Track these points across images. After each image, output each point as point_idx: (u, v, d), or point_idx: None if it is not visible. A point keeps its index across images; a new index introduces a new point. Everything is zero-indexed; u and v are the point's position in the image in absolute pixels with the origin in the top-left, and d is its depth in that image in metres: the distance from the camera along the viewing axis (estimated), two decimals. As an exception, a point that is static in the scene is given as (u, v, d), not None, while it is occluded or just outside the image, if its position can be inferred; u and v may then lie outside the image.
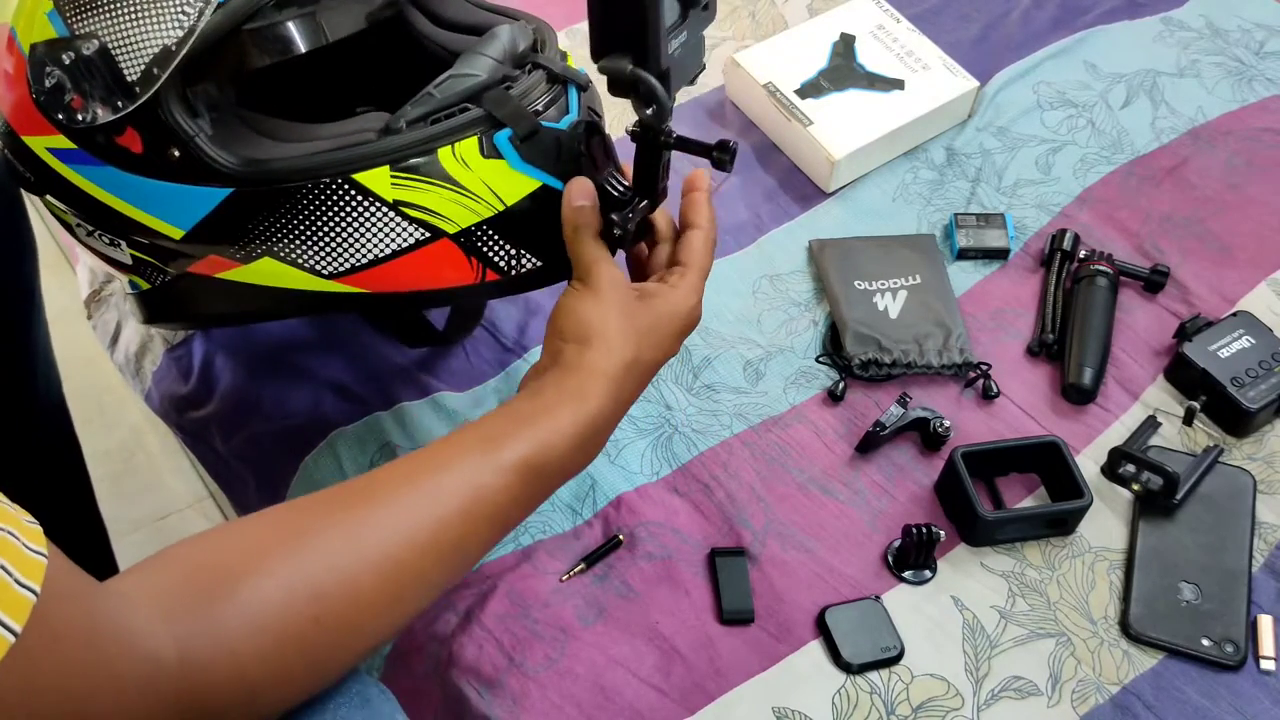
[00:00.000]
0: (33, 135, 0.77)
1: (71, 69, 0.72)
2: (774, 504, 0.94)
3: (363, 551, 0.59)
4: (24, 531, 0.47)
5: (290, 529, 0.60)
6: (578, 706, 0.83)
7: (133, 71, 0.71)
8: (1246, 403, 0.97)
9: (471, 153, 0.74)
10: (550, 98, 0.77)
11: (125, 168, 0.75)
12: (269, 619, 0.55)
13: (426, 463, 0.65)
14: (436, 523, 0.62)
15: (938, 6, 1.33)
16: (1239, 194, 1.17)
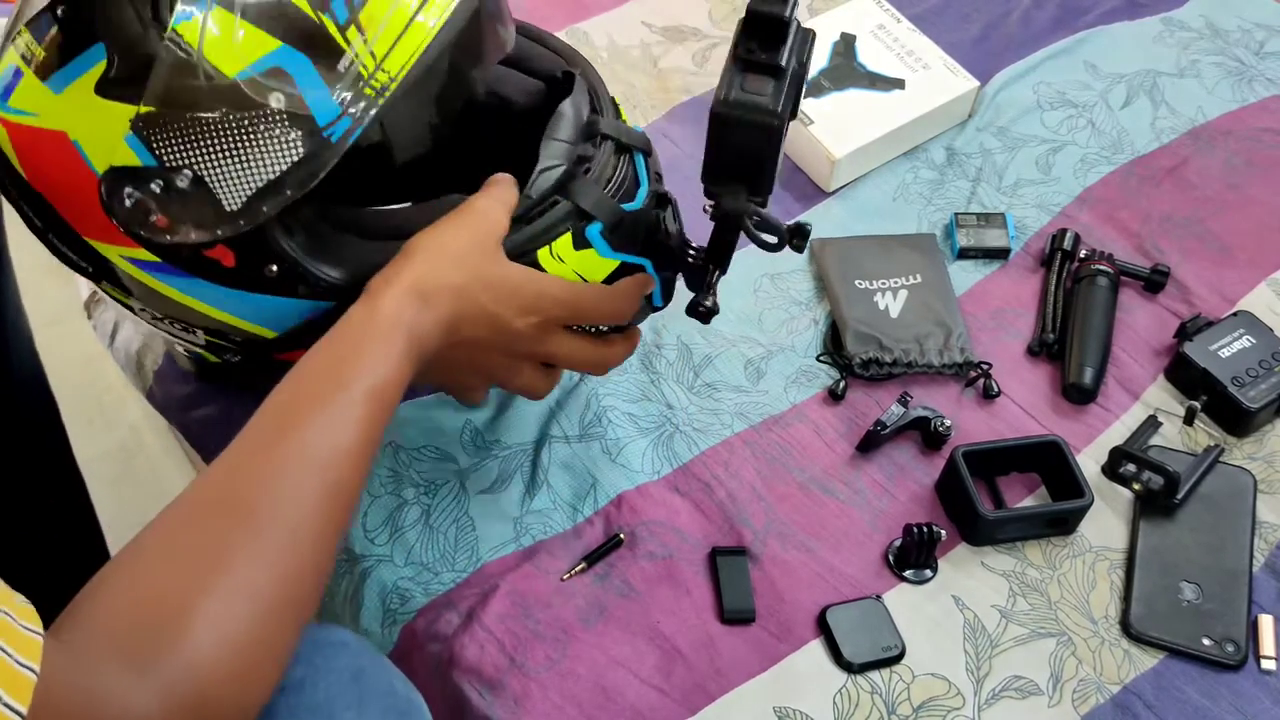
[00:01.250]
0: (103, 242, 0.72)
1: (160, 196, 0.67)
2: (775, 503, 0.94)
3: (284, 537, 0.59)
4: (18, 611, 0.47)
5: (204, 537, 0.59)
6: (579, 707, 0.83)
7: (234, 203, 0.67)
8: (1247, 402, 0.97)
9: (566, 248, 0.75)
10: (623, 174, 0.78)
11: (215, 280, 0.72)
12: (227, 635, 0.55)
13: (291, 420, 0.64)
14: (333, 483, 0.62)
15: (938, 6, 1.33)
16: (1239, 194, 1.17)
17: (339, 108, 0.66)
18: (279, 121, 0.65)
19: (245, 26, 0.64)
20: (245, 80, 0.65)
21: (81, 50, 0.65)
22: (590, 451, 0.96)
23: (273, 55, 0.65)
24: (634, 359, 1.01)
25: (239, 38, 0.64)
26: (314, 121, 0.66)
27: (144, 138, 0.65)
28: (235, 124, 0.65)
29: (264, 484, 0.61)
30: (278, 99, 0.65)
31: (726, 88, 0.66)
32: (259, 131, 0.65)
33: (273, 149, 0.66)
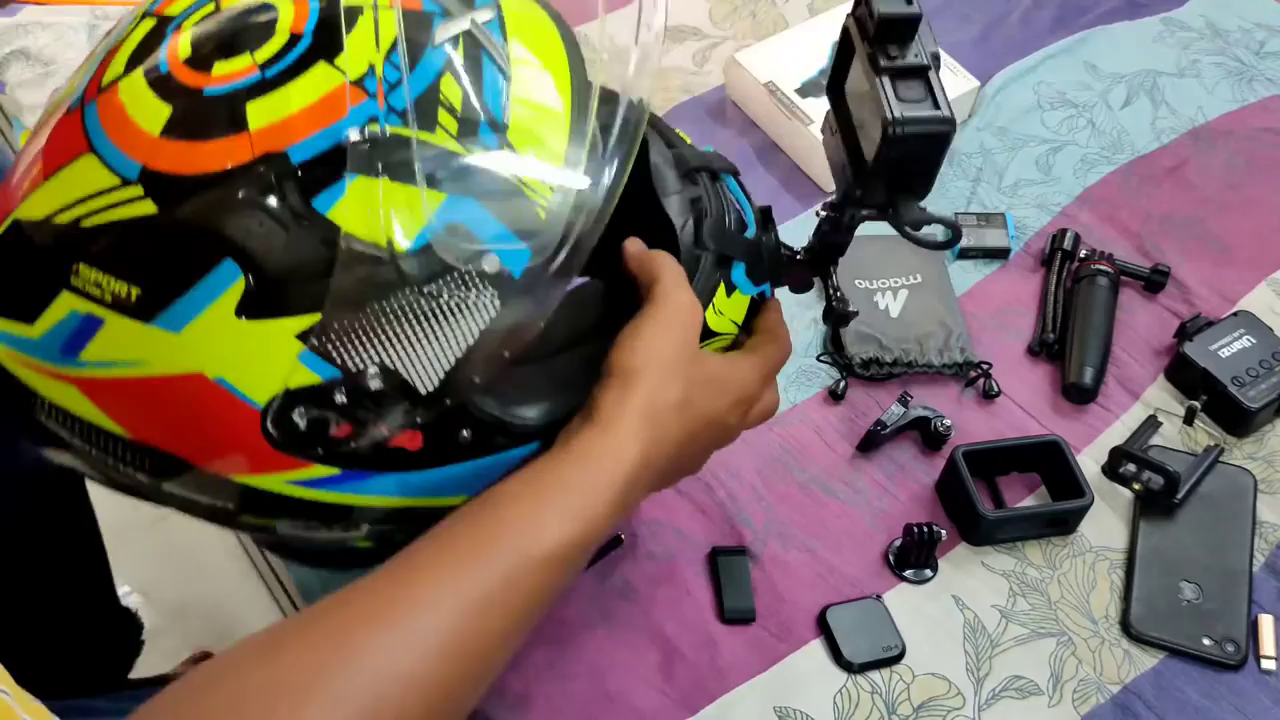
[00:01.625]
0: (257, 474, 0.59)
1: (344, 405, 0.56)
2: (775, 503, 0.94)
3: (402, 679, 0.51)
4: (28, 711, 0.42)
5: (319, 665, 0.51)
6: (578, 706, 0.83)
7: (430, 383, 0.57)
8: (1247, 402, 0.97)
9: (721, 300, 0.69)
10: (727, 202, 0.71)
11: (400, 468, 0.60)
12: None
13: (450, 563, 0.55)
14: (473, 635, 0.54)
15: (938, 6, 1.33)
16: (1239, 194, 1.17)
17: (527, 249, 0.56)
18: (476, 287, 0.55)
19: (398, 186, 0.54)
20: (422, 248, 0.54)
21: (203, 273, 0.53)
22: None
23: (442, 210, 0.54)
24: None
25: (405, 200, 0.54)
26: (509, 271, 0.56)
27: (322, 351, 0.54)
28: (427, 300, 0.54)
29: (409, 611, 0.53)
30: (467, 259, 0.55)
31: (888, 106, 0.62)
32: (454, 303, 0.55)
33: (473, 314, 0.56)
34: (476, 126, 0.55)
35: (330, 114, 0.53)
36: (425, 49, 0.55)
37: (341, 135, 0.53)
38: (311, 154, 0.52)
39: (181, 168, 0.53)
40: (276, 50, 0.54)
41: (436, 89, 0.55)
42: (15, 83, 1.25)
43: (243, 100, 0.53)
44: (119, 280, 0.54)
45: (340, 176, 0.52)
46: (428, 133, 0.54)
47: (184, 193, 0.53)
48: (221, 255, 0.53)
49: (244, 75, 0.53)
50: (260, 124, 0.52)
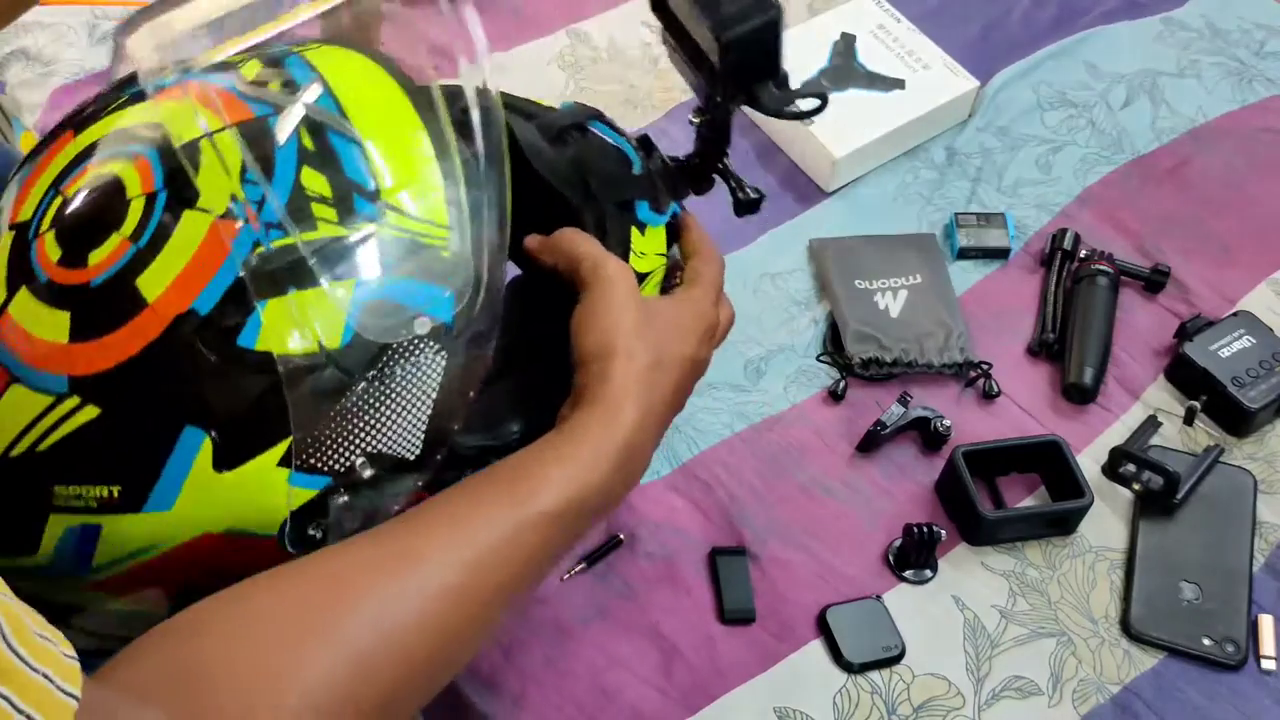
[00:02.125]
0: None
1: (349, 504, 0.57)
2: (775, 503, 0.94)
3: (404, 622, 0.52)
4: (60, 671, 0.42)
5: (323, 603, 0.52)
6: (578, 706, 0.83)
7: (414, 449, 0.58)
8: (1247, 402, 0.97)
9: (639, 241, 0.71)
10: (603, 146, 0.72)
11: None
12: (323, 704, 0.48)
13: (452, 519, 0.56)
14: (474, 587, 0.55)
15: (938, 6, 1.33)
16: (1239, 194, 1.17)
17: (450, 291, 0.57)
18: (416, 350, 0.56)
19: (307, 292, 0.54)
20: (353, 339, 0.55)
21: (170, 448, 0.53)
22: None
23: (356, 295, 0.55)
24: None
25: (319, 303, 0.55)
26: (442, 322, 0.57)
27: (307, 467, 0.55)
28: (378, 383, 0.55)
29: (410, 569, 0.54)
30: (398, 332, 0.56)
31: (712, 11, 0.63)
32: (404, 372, 0.56)
33: (425, 375, 0.57)
34: (352, 203, 0.55)
35: (216, 256, 0.53)
36: (274, 154, 0.55)
37: (234, 271, 0.53)
38: (215, 299, 0.53)
39: (104, 364, 0.53)
40: (139, 218, 0.53)
41: (301, 187, 0.54)
42: (15, 83, 1.25)
43: (131, 279, 0.53)
44: (97, 486, 0.54)
45: (251, 307, 0.53)
46: (310, 231, 0.54)
47: (118, 384, 0.53)
48: (179, 425, 0.53)
49: (120, 255, 0.53)
50: (156, 293, 0.53)
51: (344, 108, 0.57)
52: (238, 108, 0.55)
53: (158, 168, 0.54)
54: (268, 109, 0.56)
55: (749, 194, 0.75)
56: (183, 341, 0.52)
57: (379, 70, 0.60)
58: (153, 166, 0.54)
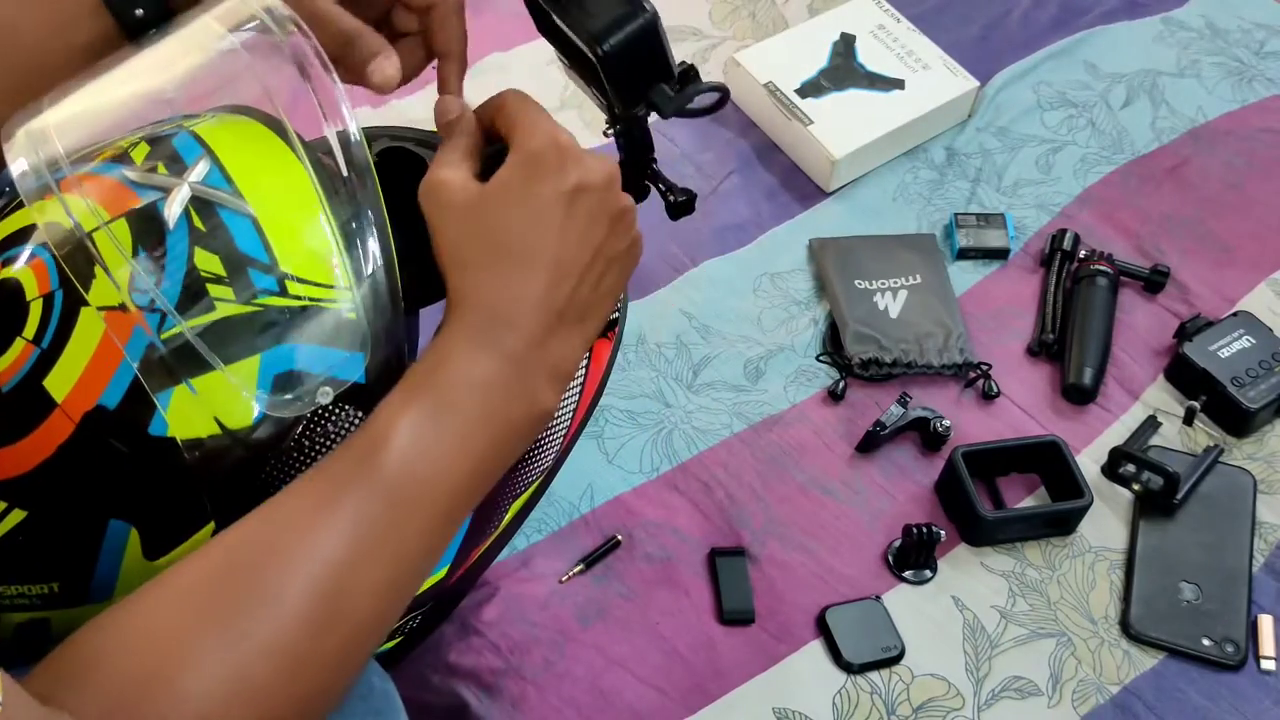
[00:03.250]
0: None
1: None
2: (774, 504, 0.94)
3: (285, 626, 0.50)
4: None
5: (203, 611, 0.50)
6: (576, 708, 0.83)
7: None
8: (1246, 402, 0.97)
9: None
10: None
11: None
12: (232, 692, 0.48)
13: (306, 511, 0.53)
14: (351, 569, 0.52)
15: (938, 6, 1.33)
16: (1239, 194, 1.17)
17: (357, 352, 0.56)
18: (331, 415, 0.56)
19: (208, 376, 0.53)
20: (263, 418, 0.54)
21: (99, 541, 0.54)
22: (587, 451, 0.96)
23: (262, 371, 0.54)
24: (632, 356, 1.01)
25: (221, 385, 0.53)
26: (353, 382, 0.56)
27: None
28: (298, 453, 0.55)
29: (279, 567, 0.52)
30: (305, 405, 0.55)
31: (584, 27, 0.62)
32: (323, 438, 0.55)
33: (346, 432, 0.56)
34: (249, 279, 0.54)
35: (115, 351, 0.53)
36: (165, 239, 0.54)
37: (134, 366, 0.52)
38: (121, 393, 0.52)
39: (23, 467, 0.53)
40: (39, 319, 0.53)
41: (194, 268, 0.53)
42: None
43: (38, 381, 0.52)
44: (37, 584, 0.55)
45: (154, 399, 0.53)
46: (207, 313, 0.53)
47: (39, 486, 0.53)
48: (104, 520, 0.53)
49: (25, 359, 0.53)
50: (64, 393, 0.52)
51: (234, 181, 0.56)
52: (125, 197, 0.54)
53: (52, 268, 0.53)
54: (156, 194, 0.55)
55: (679, 197, 0.73)
56: (95, 438, 0.52)
57: (270, 137, 0.58)
58: (48, 266, 0.54)
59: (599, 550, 0.90)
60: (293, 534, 0.52)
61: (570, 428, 0.72)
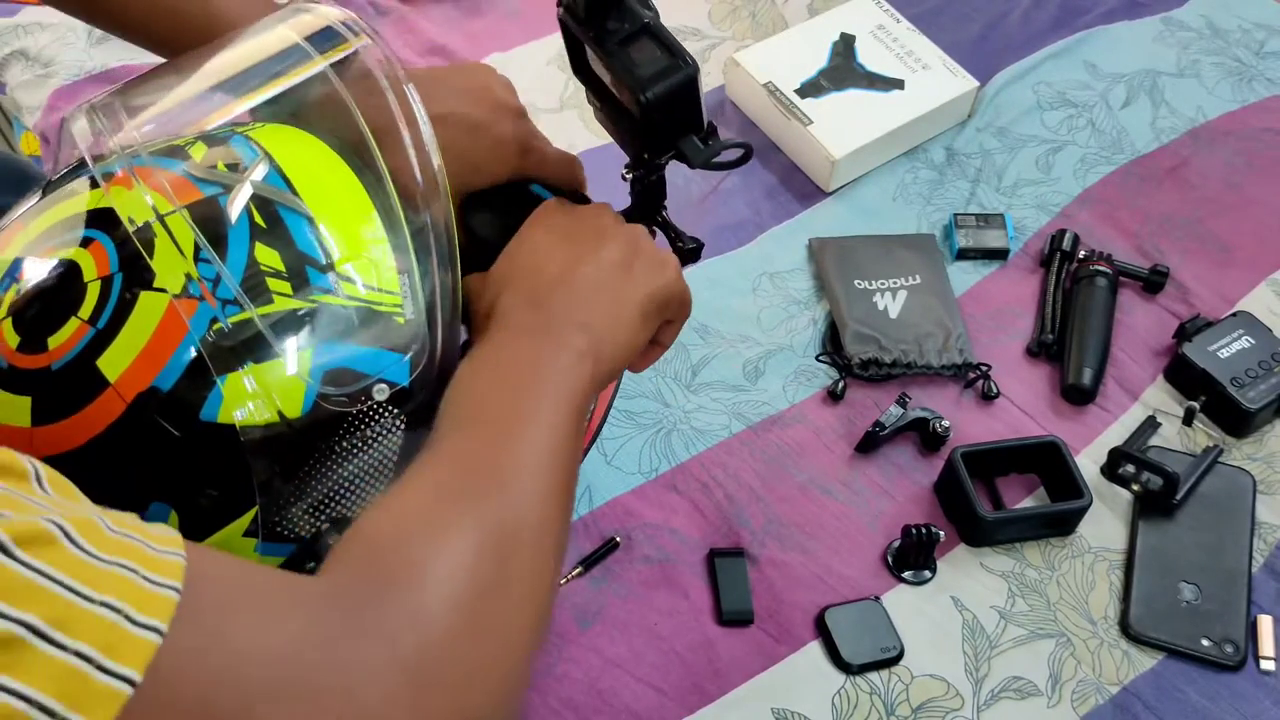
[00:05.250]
0: None
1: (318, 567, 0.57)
2: (773, 504, 0.94)
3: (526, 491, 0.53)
4: (156, 539, 0.41)
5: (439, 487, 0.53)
6: (575, 710, 0.83)
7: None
8: (1246, 403, 0.97)
9: None
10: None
11: None
12: (459, 596, 0.48)
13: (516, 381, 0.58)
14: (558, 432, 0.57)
15: (938, 6, 1.33)
16: (1239, 194, 1.17)
17: (407, 357, 0.58)
18: (377, 415, 0.57)
19: (266, 365, 0.55)
20: (313, 410, 0.55)
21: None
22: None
23: (315, 365, 0.56)
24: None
25: (278, 374, 0.55)
26: (400, 385, 0.58)
27: (273, 536, 0.57)
28: (340, 451, 0.57)
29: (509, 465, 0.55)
30: (357, 399, 0.57)
31: (628, 74, 0.64)
32: (366, 437, 0.57)
33: (386, 437, 0.58)
34: (306, 276, 0.56)
35: (174, 333, 0.54)
36: (227, 232, 0.55)
37: (193, 348, 0.53)
38: (176, 376, 0.53)
39: (68, 445, 0.53)
40: (96, 300, 0.54)
41: (255, 262, 0.55)
42: (15, 83, 1.25)
43: (91, 360, 0.53)
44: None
45: (212, 382, 0.54)
46: (266, 305, 0.55)
47: (83, 464, 0.53)
48: (146, 501, 0.54)
49: (80, 338, 0.53)
50: (117, 373, 0.53)
51: (292, 183, 0.58)
52: (188, 189, 0.56)
53: (112, 251, 0.55)
54: (217, 189, 0.56)
55: (688, 243, 0.76)
56: (145, 419, 0.53)
57: (322, 146, 0.61)
58: (107, 250, 0.55)
59: (598, 552, 0.90)
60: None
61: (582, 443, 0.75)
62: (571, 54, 0.71)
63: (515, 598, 0.51)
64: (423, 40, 1.28)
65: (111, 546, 0.39)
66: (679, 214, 0.80)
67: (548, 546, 0.54)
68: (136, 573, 0.39)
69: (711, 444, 0.97)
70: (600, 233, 0.66)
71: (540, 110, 1.19)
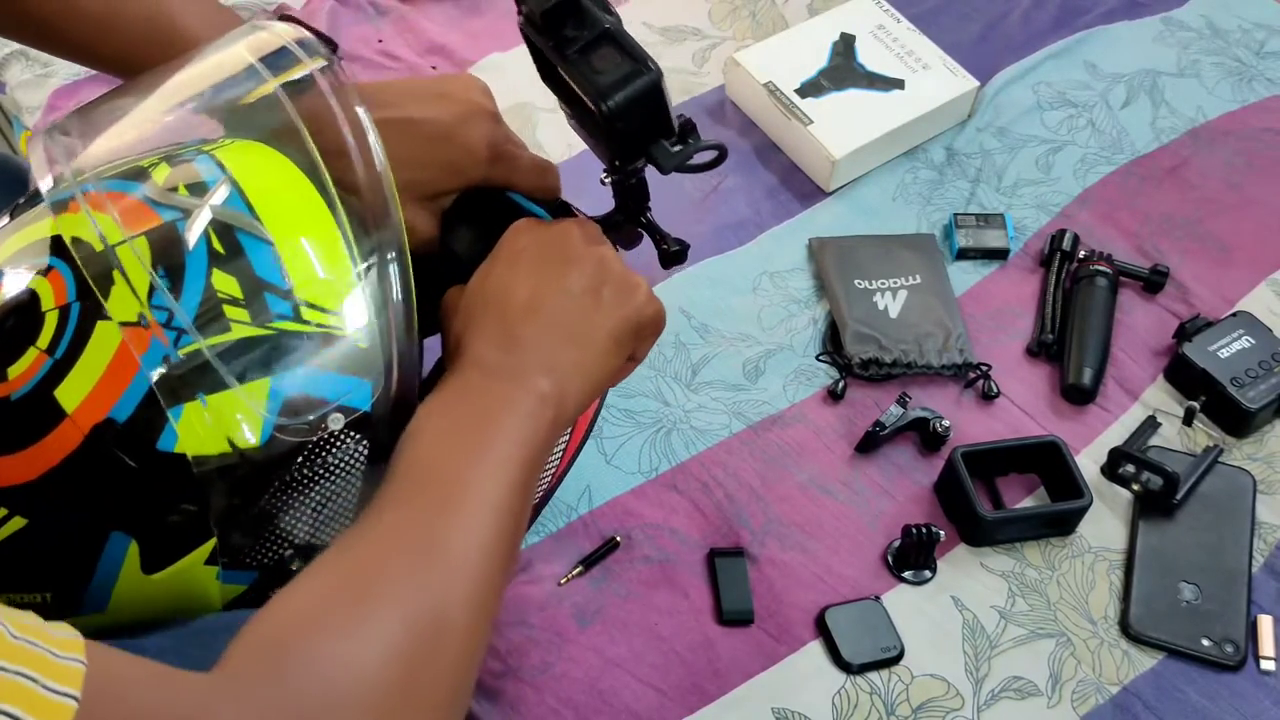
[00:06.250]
0: None
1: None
2: (773, 504, 0.94)
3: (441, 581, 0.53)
4: (57, 644, 0.41)
5: (358, 570, 0.52)
6: (574, 710, 0.83)
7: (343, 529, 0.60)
8: (1246, 403, 0.97)
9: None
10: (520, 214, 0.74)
11: None
12: (370, 658, 0.49)
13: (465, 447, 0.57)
14: (499, 502, 0.57)
15: (938, 6, 1.33)
16: (1239, 194, 1.16)
17: (368, 381, 0.58)
18: (337, 442, 0.57)
19: (221, 395, 0.54)
20: (270, 439, 0.55)
21: (98, 553, 0.54)
22: (586, 452, 0.95)
23: (272, 394, 0.55)
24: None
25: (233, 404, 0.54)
26: (361, 411, 0.57)
27: (235, 564, 0.57)
28: (301, 477, 0.56)
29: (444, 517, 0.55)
30: (314, 428, 0.56)
31: (589, 83, 0.64)
32: (327, 464, 0.57)
33: (348, 464, 0.57)
34: (265, 303, 0.55)
35: (129, 364, 0.53)
36: (184, 259, 0.55)
37: (148, 379, 0.53)
38: (131, 408, 0.53)
39: (27, 475, 0.53)
40: (54, 330, 0.53)
41: (212, 289, 0.54)
42: (15, 83, 1.25)
43: (49, 390, 0.53)
44: (29, 594, 0.55)
45: (165, 414, 0.53)
46: (223, 334, 0.54)
47: (42, 495, 0.53)
48: (105, 532, 0.54)
49: (38, 368, 0.53)
50: (74, 404, 0.53)
51: (253, 206, 0.57)
52: (146, 215, 0.55)
53: (69, 280, 0.54)
54: (176, 214, 0.56)
55: (672, 245, 0.75)
56: (103, 450, 0.53)
57: (287, 163, 0.59)
58: (65, 279, 0.54)
59: (597, 552, 0.90)
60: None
61: (558, 469, 0.76)
62: (537, 62, 0.70)
63: (438, 688, 0.51)
64: (423, 40, 1.28)
65: (12, 654, 0.39)
66: (679, 213, 0.80)
67: (478, 630, 0.54)
68: (36, 681, 0.39)
69: (711, 443, 0.97)
70: (567, 258, 0.66)
71: (539, 110, 1.19)
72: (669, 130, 0.67)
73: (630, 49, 0.64)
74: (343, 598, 0.50)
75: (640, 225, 0.76)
